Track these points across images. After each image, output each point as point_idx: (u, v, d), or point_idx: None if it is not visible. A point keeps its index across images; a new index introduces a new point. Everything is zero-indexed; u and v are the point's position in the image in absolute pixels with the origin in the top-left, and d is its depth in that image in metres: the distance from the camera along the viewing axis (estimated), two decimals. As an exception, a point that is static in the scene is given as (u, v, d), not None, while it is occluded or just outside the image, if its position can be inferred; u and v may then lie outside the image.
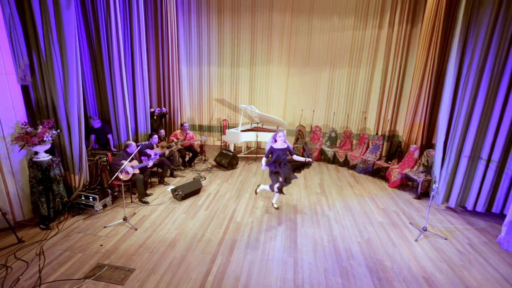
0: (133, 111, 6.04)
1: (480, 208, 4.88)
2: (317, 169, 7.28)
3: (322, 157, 7.90)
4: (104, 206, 4.75)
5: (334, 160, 7.70)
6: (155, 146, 5.78)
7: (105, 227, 4.21)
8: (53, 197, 4.24)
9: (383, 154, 7.21)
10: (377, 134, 8.10)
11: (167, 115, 7.63)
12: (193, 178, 6.20)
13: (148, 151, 5.56)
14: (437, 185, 4.17)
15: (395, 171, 6.07)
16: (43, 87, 4.28)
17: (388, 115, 7.77)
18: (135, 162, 5.00)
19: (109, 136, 5.66)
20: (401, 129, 7.66)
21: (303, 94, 8.60)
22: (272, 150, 4.62)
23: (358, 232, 4.33)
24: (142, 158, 5.26)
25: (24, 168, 4.16)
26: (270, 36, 8.28)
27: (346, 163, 7.45)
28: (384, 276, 3.41)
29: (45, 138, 3.94)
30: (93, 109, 5.74)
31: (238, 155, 7.91)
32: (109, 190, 4.83)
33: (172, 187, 5.52)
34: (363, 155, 7.16)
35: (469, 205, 5.03)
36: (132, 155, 4.55)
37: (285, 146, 4.66)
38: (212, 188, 5.85)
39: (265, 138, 7.50)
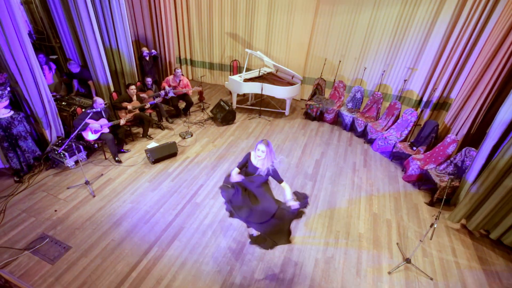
0: (117, 52, 5.37)
1: (510, 241, 3.69)
2: (326, 136, 6.19)
3: (339, 119, 6.60)
4: (77, 162, 4.77)
5: (351, 128, 6.40)
6: (134, 98, 5.28)
7: (68, 188, 4.28)
8: (22, 153, 4.30)
9: (411, 136, 5.65)
10: (418, 105, 6.30)
11: (159, 57, 6.76)
12: (180, 135, 5.80)
13: (125, 104, 5.13)
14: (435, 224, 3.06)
15: (416, 162, 4.77)
16: (-11, 34, 3.80)
17: (440, 83, 5.76)
18: (103, 121, 4.68)
19: (89, 82, 5.27)
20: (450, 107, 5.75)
21: (332, 39, 6.72)
22: (246, 160, 3.00)
23: (323, 245, 3.68)
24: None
25: (-9, 122, 4.16)
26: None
27: (364, 134, 6.15)
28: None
29: (-8, 98, 3.71)
30: (72, 52, 5.23)
31: (242, 106, 7.10)
32: (81, 146, 4.74)
33: (153, 144, 5.23)
34: (386, 129, 5.73)
35: (495, 233, 3.83)
36: (89, 116, 4.18)
37: (261, 168, 2.84)
38: (193, 150, 5.43)
39: (272, 92, 6.39)
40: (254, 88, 6.47)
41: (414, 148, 5.16)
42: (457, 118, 4.87)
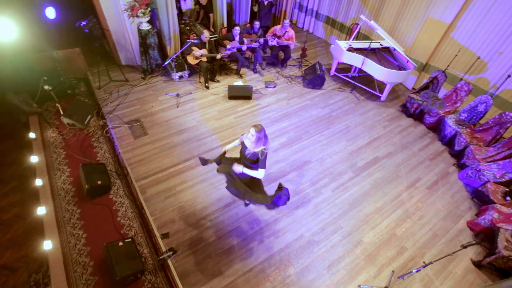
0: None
1: None
2: (410, 139, 5.34)
3: (440, 127, 5.43)
4: (180, 77, 6.08)
5: (448, 142, 5.22)
6: (236, 38, 5.91)
7: (165, 94, 5.68)
8: (149, 58, 5.85)
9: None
10: None
11: (275, 5, 6.84)
12: (265, 82, 6.25)
13: (226, 42, 5.88)
14: None
15: (492, 213, 3.73)
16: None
17: None
18: (204, 51, 5.61)
19: (210, 14, 6.19)
20: None
21: (485, 27, 5.09)
22: (241, 140, 3.17)
23: (318, 229, 3.78)
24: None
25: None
26: None
27: (460, 155, 4.96)
28: None
29: (138, 14, 5.09)
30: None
31: (340, 75, 6.73)
32: (186, 66, 5.96)
33: (239, 82, 5.99)
34: (489, 161, 4.45)
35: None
36: (188, 44, 5.18)
37: (249, 148, 2.96)
38: (267, 100, 5.86)
39: (373, 71, 5.76)
40: (354, 60, 5.97)
41: (508, 198, 3.94)
42: None
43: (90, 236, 3.54)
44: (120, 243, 3.29)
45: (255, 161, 3.01)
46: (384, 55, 6.14)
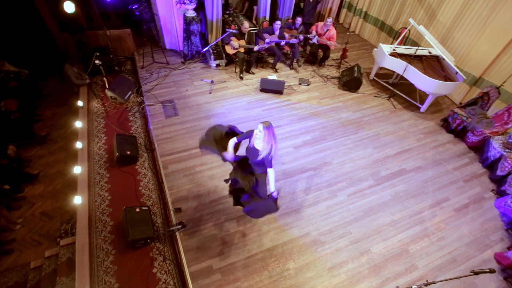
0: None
1: None
2: (446, 156, 4.95)
3: (483, 148, 4.95)
4: (217, 65, 6.29)
5: (490, 165, 4.75)
6: (276, 32, 5.93)
7: (201, 80, 5.93)
8: (191, 45, 6.14)
9: None
10: None
11: (321, 2, 6.66)
12: (299, 79, 6.21)
13: (266, 35, 5.94)
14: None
15: (526, 248, 3.35)
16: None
17: None
18: (242, 42, 5.73)
19: (255, 7, 6.27)
20: None
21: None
22: (248, 136, 2.96)
23: (326, 231, 3.72)
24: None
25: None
26: None
27: (501, 181, 4.49)
28: None
29: (185, 1, 5.36)
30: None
31: (380, 80, 6.42)
32: (224, 55, 6.15)
33: (273, 76, 6.04)
34: (533, 192, 3.97)
35: None
36: (226, 34, 5.32)
37: (260, 150, 2.77)
38: (298, 97, 5.83)
39: (415, 79, 5.43)
40: (396, 65, 5.65)
41: (549, 234, 3.50)
42: None
43: (114, 199, 3.90)
44: (137, 209, 3.59)
45: (261, 164, 2.93)
46: (431, 64, 5.72)
